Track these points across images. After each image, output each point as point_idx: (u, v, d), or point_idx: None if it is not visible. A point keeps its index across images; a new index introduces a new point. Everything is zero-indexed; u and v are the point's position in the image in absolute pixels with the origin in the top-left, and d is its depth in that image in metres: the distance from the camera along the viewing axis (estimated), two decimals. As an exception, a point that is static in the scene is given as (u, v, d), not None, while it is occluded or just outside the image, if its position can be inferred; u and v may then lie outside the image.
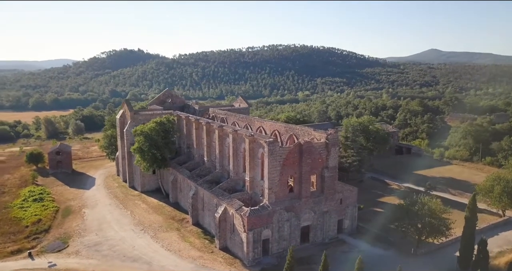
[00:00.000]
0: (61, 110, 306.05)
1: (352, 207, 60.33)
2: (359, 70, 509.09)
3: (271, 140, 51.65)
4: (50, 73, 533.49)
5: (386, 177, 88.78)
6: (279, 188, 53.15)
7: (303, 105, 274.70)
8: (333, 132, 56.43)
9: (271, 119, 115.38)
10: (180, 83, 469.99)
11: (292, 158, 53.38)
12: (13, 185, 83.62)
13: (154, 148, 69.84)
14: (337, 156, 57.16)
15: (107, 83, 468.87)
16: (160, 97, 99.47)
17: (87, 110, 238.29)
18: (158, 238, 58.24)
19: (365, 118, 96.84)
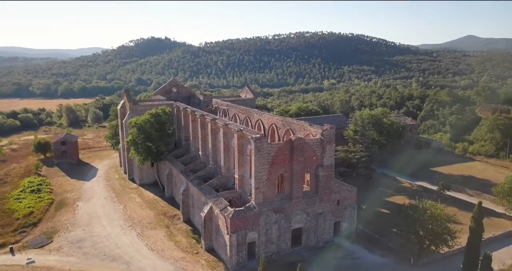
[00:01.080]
0: (88, 98, 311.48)
1: (351, 208, 55.74)
2: (388, 58, 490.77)
3: (258, 136, 47.65)
4: (80, 61, 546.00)
5: (399, 173, 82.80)
6: (268, 187, 49.29)
7: (326, 95, 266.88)
8: (328, 128, 51.73)
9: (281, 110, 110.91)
10: (205, 71, 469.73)
11: (282, 155, 49.26)
12: (16, 175, 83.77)
13: (148, 140, 67.47)
14: (333, 154, 52.48)
15: (134, 71, 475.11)
16: (165, 87, 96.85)
17: (109, 98, 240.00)
18: (144, 235, 55.95)
19: (378, 111, 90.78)
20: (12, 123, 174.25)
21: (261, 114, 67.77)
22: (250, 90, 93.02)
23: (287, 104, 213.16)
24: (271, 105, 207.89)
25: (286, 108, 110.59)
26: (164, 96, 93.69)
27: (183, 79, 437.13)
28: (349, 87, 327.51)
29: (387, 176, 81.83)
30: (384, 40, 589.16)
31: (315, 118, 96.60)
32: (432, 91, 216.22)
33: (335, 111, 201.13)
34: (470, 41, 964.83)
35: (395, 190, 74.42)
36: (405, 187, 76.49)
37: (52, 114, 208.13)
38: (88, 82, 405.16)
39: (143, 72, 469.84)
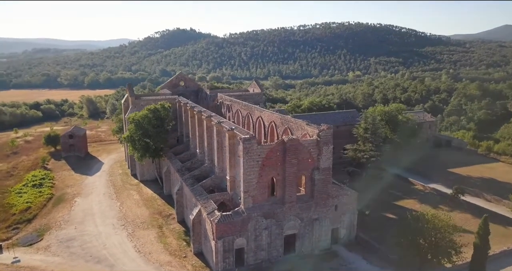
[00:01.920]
0: (113, 89, 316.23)
1: (350, 214, 52.05)
2: (417, 49, 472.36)
3: (247, 137, 44.59)
4: (107, 52, 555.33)
5: (413, 174, 77.98)
6: (258, 191, 46.32)
7: (349, 87, 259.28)
8: (325, 128, 48.03)
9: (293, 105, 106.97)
10: (228, 63, 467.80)
11: (274, 157, 46.07)
12: (23, 168, 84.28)
13: (146, 136, 65.67)
14: (331, 156, 48.80)
15: (158, 63, 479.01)
16: (172, 81, 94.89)
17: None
18: (135, 236, 54.34)
19: (392, 107, 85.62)
20: (34, 114, 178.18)
21: (261, 111, 64.51)
22: (258, 85, 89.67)
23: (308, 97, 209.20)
24: (290, 98, 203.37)
25: (298, 103, 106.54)
26: (171, 90, 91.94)
27: (206, 71, 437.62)
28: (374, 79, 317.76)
29: (399, 177, 77.10)
30: (414, 31, 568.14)
31: (327, 115, 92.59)
32: (460, 84, 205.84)
33: (357, 104, 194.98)
34: (507, 31, 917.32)
35: (405, 192, 69.82)
36: (417, 189, 71.68)
37: (74, 106, 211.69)
38: (113, 74, 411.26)
39: (167, 64, 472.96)
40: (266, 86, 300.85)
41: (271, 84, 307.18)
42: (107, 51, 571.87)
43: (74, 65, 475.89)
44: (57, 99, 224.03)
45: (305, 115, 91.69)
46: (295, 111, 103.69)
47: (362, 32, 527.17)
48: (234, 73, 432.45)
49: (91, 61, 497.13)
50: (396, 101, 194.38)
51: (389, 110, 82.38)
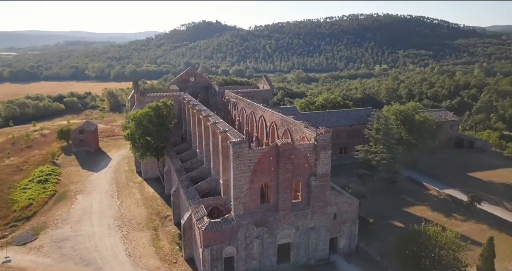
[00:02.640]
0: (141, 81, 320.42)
1: (351, 223, 48.78)
2: (449, 41, 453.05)
3: (237, 140, 42.05)
4: (134, 45, 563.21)
5: (428, 178, 73.30)
6: (249, 197, 43.81)
7: (374, 82, 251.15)
8: (323, 132, 44.78)
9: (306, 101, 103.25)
10: (252, 55, 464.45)
11: (266, 162, 43.37)
12: (33, 162, 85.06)
13: (146, 135, 64.29)
14: (329, 161, 45.57)
15: (183, 55, 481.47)
16: (182, 76, 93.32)
17: (150, 83, 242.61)
18: (128, 238, 53.13)
19: (409, 106, 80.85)
20: (57, 107, 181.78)
21: (264, 111, 61.69)
22: (268, 81, 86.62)
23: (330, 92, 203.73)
24: (311, 92, 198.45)
25: (312, 100, 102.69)
26: (181, 86, 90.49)
27: (230, 63, 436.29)
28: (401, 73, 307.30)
29: (413, 181, 72.66)
30: (446, 22, 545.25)
31: (340, 113, 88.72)
32: (492, 79, 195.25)
33: (380, 100, 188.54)
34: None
35: (418, 198, 65.52)
36: (431, 195, 67.18)
37: (97, 99, 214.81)
38: (138, 66, 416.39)
39: (192, 56, 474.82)
40: (288, 80, 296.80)
41: (294, 77, 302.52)
42: (134, 43, 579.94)
43: (102, 57, 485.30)
44: (81, 92, 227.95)
45: (317, 113, 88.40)
46: (308, 108, 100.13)
47: (391, 24, 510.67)
48: (258, 66, 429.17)
49: (118, 53, 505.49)
50: (422, 97, 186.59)
51: (405, 110, 77.72)
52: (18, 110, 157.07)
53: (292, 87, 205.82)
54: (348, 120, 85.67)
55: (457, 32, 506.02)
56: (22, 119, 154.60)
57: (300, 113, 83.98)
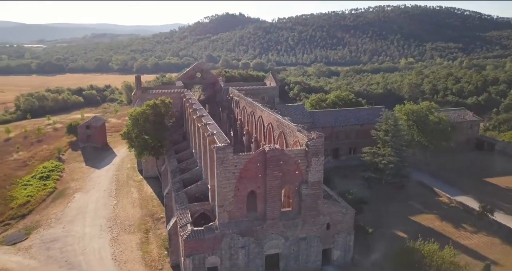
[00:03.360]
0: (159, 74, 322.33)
1: (346, 234, 45.70)
2: (481, 33, 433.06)
3: (221, 146, 39.65)
4: (157, 37, 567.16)
5: (440, 183, 68.86)
6: (235, 205, 41.48)
7: (397, 76, 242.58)
8: (315, 137, 41.70)
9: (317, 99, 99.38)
10: (275, 48, 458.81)
11: (253, 168, 40.82)
12: (40, 158, 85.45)
13: (144, 133, 62.76)
14: (321, 169, 42.51)
15: (205, 48, 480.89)
16: (189, 72, 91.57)
17: (168, 76, 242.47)
18: (117, 241, 51.95)
19: (423, 105, 76.05)
20: (76, 100, 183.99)
21: (262, 111, 58.90)
22: (274, 78, 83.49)
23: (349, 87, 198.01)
24: (330, 87, 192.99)
25: (323, 97, 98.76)
26: (187, 82, 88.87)
27: (252, 56, 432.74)
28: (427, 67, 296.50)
29: (424, 186, 68.40)
30: (478, 13, 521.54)
31: (350, 111, 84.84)
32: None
33: (403, 95, 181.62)
34: None
35: (427, 205, 61.45)
36: (442, 202, 62.92)
37: (115, 92, 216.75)
38: (161, 59, 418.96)
39: (214, 49, 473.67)
40: (309, 74, 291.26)
41: (315, 71, 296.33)
42: (157, 36, 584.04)
43: (126, 50, 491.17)
44: (102, 85, 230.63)
45: (325, 112, 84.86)
46: (319, 106, 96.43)
47: (418, 15, 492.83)
48: (280, 59, 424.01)
49: (142, 46, 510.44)
50: (446, 93, 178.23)
51: (418, 110, 73.19)
52: (36, 103, 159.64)
53: (311, 82, 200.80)
54: (358, 119, 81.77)
55: (490, 23, 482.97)
56: (41, 112, 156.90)
57: (307, 112, 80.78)
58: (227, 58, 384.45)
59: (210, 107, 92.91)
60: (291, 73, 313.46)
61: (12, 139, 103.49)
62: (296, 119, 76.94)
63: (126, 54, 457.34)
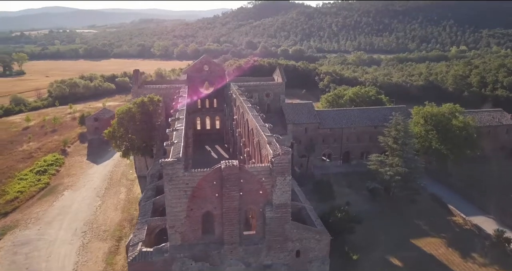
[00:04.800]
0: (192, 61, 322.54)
1: (320, 263, 39.84)
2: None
3: (169, 161, 35.01)
4: (200, 23, 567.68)
5: (459, 198, 60.46)
6: (188, 227, 37.00)
7: (442, 66, 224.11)
8: (281, 153, 35.85)
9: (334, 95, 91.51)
10: (317, 34, 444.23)
11: (208, 187, 35.98)
12: (46, 149, 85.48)
13: (129, 133, 59.65)
14: (288, 189, 36.70)
15: (246, 34, 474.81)
16: (196, 65, 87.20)
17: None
18: (86, 248, 49.36)
19: (445, 108, 66.67)
20: (108, 87, 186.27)
21: (248, 113, 53.35)
22: (281, 73, 76.91)
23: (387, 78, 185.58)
24: (364, 78, 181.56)
25: (341, 93, 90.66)
26: (195, 75, 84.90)
27: (293, 42, 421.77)
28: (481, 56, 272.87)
29: (438, 201, 60.17)
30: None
31: (365, 111, 76.91)
32: None
33: (446, 88, 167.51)
34: None
35: (436, 226, 53.65)
36: (455, 222, 54.69)
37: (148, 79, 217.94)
38: (201, 45, 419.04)
39: (255, 35, 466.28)
40: (348, 62, 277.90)
41: (355, 59, 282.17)
42: (200, 22, 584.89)
43: (169, 35, 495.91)
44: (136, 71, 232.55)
45: (336, 111, 77.53)
46: (336, 103, 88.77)
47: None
48: (321, 45, 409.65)
49: (184, 32, 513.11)
50: (496, 86, 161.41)
51: (437, 113, 64.25)
52: (67, 90, 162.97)
53: (345, 72, 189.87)
54: (373, 120, 73.88)
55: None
56: (72, 99, 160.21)
57: (315, 111, 73.96)
58: (265, 45, 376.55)
59: (217, 101, 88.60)
60: (330, 61, 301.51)
61: (31, 127, 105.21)
62: (302, 119, 71.17)
63: (168, 39, 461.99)
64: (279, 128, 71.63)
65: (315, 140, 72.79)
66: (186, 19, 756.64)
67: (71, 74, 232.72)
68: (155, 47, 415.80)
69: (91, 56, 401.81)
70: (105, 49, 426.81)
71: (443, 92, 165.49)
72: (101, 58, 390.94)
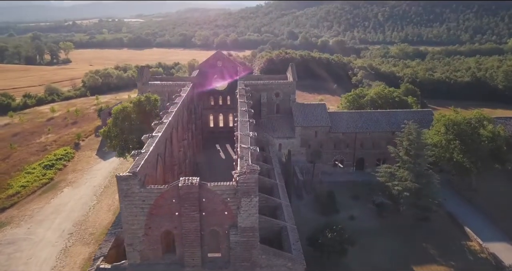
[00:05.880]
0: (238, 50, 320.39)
1: (293, 293, 35.71)
2: None
3: (124, 176, 32.13)
4: (243, 13, 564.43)
5: (480, 219, 53.41)
6: (147, 245, 34.12)
7: (494, 61, 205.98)
8: (247, 171, 31.84)
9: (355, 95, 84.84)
10: (361, 24, 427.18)
11: (167, 205, 32.82)
12: (61, 142, 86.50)
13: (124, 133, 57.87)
14: (255, 212, 32.73)
15: (288, 24, 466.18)
16: (209, 60, 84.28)
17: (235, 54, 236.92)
18: (66, 252, 48.23)
19: (473, 115, 58.84)
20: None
21: (236, 117, 49.42)
22: (292, 72, 71.83)
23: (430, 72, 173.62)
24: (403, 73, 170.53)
25: (363, 92, 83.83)
26: (208, 71, 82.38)
27: (336, 33, 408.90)
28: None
29: (454, 221, 53.47)
30: None
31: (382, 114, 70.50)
32: None
33: (496, 85, 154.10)
34: None
35: (447, 251, 47.43)
36: (470, 248, 48.03)
37: (180, 70, 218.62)
38: (241, 35, 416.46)
39: (297, 25, 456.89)
40: (390, 55, 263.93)
41: (398, 52, 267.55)
42: (243, 11, 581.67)
43: (211, 25, 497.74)
44: (183, 61, 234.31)
45: (352, 114, 71.65)
46: (357, 103, 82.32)
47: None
48: (365, 36, 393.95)
49: (226, 21, 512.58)
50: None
51: (461, 121, 56.90)
52: (100, 81, 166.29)
53: (381, 66, 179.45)
54: (392, 125, 67.48)
55: None
56: (105, 89, 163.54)
57: (326, 113, 68.59)
58: (306, 35, 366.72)
59: (231, 99, 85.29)
60: (372, 53, 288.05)
61: (54, 119, 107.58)
62: (311, 122, 66.45)
63: (210, 29, 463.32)
64: (287, 131, 67.42)
65: (326, 144, 67.68)
66: (230, 9, 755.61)
67: (113, 63, 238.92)
68: (196, 37, 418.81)
69: (134, 45, 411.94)
70: (148, 39, 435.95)
71: (492, 90, 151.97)
72: (144, 47, 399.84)
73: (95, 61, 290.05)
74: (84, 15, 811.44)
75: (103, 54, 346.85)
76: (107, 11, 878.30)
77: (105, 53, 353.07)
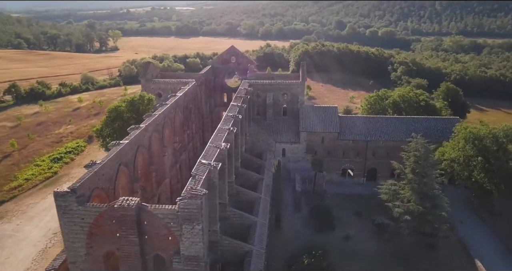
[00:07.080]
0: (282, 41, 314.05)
1: None
2: None
3: (62, 192, 29.94)
4: (291, 1, 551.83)
5: (499, 251, 46.15)
6: (91, 265, 31.85)
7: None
8: (188, 196, 28.18)
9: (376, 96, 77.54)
10: (416, 14, 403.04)
11: (107, 225, 30.18)
12: (77, 134, 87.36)
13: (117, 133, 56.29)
14: (200, 241, 29.09)
15: (337, 13, 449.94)
16: (223, 56, 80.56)
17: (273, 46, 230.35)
18: (44, 253, 47.45)
19: (500, 129, 50.58)
20: (177, 68, 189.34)
21: (221, 125, 45.58)
22: (302, 71, 66.25)
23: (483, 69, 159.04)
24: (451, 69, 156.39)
25: (386, 94, 76.20)
26: (221, 66, 79.11)
27: (387, 22, 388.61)
28: None
29: (464, 250, 46.57)
30: None
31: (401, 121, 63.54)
32: None
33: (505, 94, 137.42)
34: None
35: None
36: (475, 286, 41.49)
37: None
38: (287, 24, 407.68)
39: (346, 14, 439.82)
40: (443, 48, 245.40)
41: (451, 45, 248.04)
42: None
43: (258, 14, 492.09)
44: (209, 53, 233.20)
45: (366, 119, 65.27)
46: (378, 105, 75.23)
47: None
48: (419, 27, 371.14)
49: (274, 10, 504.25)
50: None
51: (485, 135, 49.18)
52: (135, 70, 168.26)
53: (426, 61, 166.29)
54: (409, 134, 60.18)
55: None
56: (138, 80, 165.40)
57: (337, 117, 62.85)
58: (354, 25, 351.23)
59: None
60: (424, 45, 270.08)
61: (80, 109, 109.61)
62: (318, 127, 61.44)
63: (256, 18, 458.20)
64: (291, 136, 62.76)
65: (333, 151, 62.19)
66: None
67: (158, 51, 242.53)
68: (242, 26, 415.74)
69: (182, 33, 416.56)
70: (195, 27, 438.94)
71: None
72: (190, 35, 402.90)
73: (141, 49, 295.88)
74: (140, 3, 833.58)
75: (150, 42, 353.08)
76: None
77: (152, 41, 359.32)
